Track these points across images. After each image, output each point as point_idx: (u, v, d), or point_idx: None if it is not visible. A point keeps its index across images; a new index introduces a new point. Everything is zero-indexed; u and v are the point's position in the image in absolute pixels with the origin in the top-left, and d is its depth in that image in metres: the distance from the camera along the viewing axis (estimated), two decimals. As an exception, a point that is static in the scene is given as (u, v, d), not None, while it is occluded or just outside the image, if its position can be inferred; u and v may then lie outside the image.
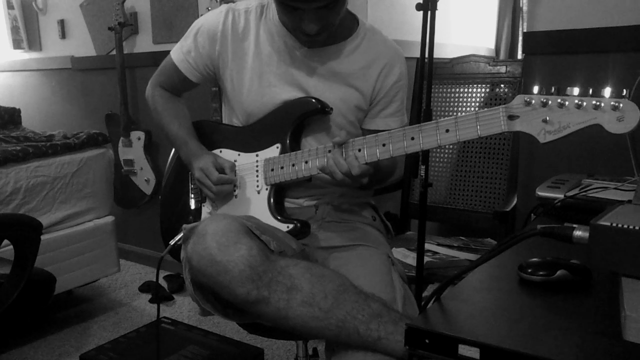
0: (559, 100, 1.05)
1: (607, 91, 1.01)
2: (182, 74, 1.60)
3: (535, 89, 1.09)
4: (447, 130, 1.20)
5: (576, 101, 1.03)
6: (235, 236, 1.16)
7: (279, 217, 1.44)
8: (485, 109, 1.15)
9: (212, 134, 1.63)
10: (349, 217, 1.56)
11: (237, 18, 1.53)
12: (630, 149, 1.62)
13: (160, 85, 1.68)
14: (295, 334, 1.20)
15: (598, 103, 1.02)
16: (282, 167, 1.45)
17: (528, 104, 1.09)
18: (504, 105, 1.12)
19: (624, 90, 1.01)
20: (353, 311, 1.13)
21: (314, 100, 1.47)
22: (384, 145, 1.30)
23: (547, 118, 1.07)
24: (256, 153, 1.51)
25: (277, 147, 1.48)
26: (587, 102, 1.03)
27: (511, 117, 1.12)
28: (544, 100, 1.07)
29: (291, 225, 1.41)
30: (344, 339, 1.14)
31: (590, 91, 1.04)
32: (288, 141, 1.47)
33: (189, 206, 1.62)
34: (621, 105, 1.00)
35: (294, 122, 1.48)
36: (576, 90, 1.04)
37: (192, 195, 1.61)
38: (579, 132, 1.06)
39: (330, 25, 1.39)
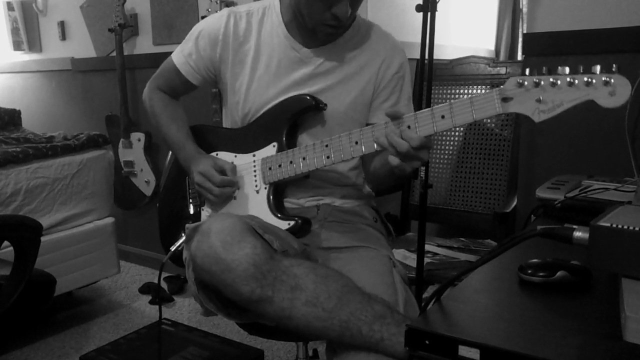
0: (551, 80, 1.06)
1: (597, 68, 1.02)
2: (184, 76, 1.60)
3: (527, 71, 1.10)
4: (443, 117, 1.20)
5: (568, 79, 1.04)
6: (239, 235, 1.16)
7: (279, 215, 1.44)
8: (479, 93, 1.16)
9: (207, 137, 1.63)
10: (351, 217, 1.56)
11: (238, 21, 1.53)
12: (630, 150, 1.62)
13: (158, 87, 1.68)
14: (298, 334, 1.19)
15: (589, 79, 1.03)
16: (279, 165, 1.45)
17: (521, 85, 1.10)
18: (497, 88, 1.13)
19: (614, 66, 1.02)
20: (356, 312, 1.13)
21: (307, 97, 1.47)
22: None
23: (541, 97, 1.08)
24: (253, 153, 1.51)
25: (274, 146, 1.48)
26: (578, 79, 1.04)
27: (505, 100, 1.12)
28: (537, 81, 1.08)
29: (292, 223, 1.41)
30: (346, 339, 1.14)
31: (581, 69, 1.04)
32: (284, 139, 1.47)
33: (188, 211, 1.61)
34: (612, 80, 1.01)
35: (289, 120, 1.48)
36: (567, 69, 1.05)
37: (191, 200, 1.61)
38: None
39: (354, 12, 1.40)
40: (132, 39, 3.37)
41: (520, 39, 3.90)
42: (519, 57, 3.88)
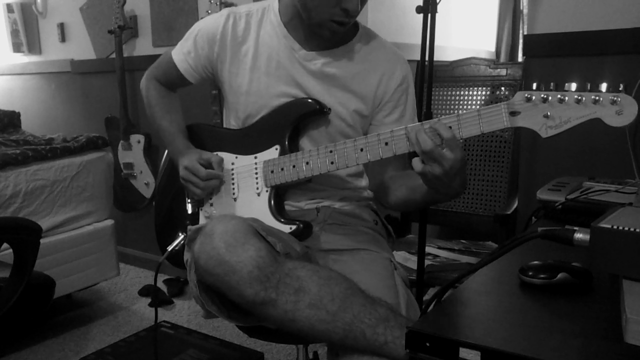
0: (559, 96, 1.07)
1: (604, 86, 1.03)
2: (181, 73, 1.60)
3: (534, 86, 1.10)
4: (450, 128, 1.20)
5: (576, 96, 1.05)
6: (243, 237, 1.16)
7: (281, 219, 1.44)
8: (487, 106, 1.16)
9: (208, 137, 1.62)
10: (351, 220, 1.55)
11: (237, 21, 1.52)
12: (631, 152, 1.62)
13: (156, 78, 1.69)
14: (301, 336, 1.19)
15: (597, 98, 1.03)
16: (282, 169, 1.44)
17: (529, 100, 1.10)
18: (505, 102, 1.13)
19: (621, 85, 1.02)
20: (360, 315, 1.12)
21: (311, 101, 1.46)
22: (386, 144, 1.29)
23: (548, 113, 1.09)
24: (254, 155, 1.50)
25: (276, 149, 1.47)
26: (586, 97, 1.04)
27: (513, 114, 1.13)
28: (544, 96, 1.08)
29: (294, 226, 1.41)
30: (350, 342, 1.13)
31: (589, 86, 1.05)
32: (287, 142, 1.47)
33: (186, 210, 1.61)
34: (619, 99, 1.02)
35: (293, 123, 1.47)
36: (574, 86, 1.06)
37: (189, 200, 1.60)
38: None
39: (362, 6, 1.39)
40: (131, 40, 3.37)
41: (520, 41, 3.90)
42: (520, 58, 3.87)
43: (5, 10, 4.05)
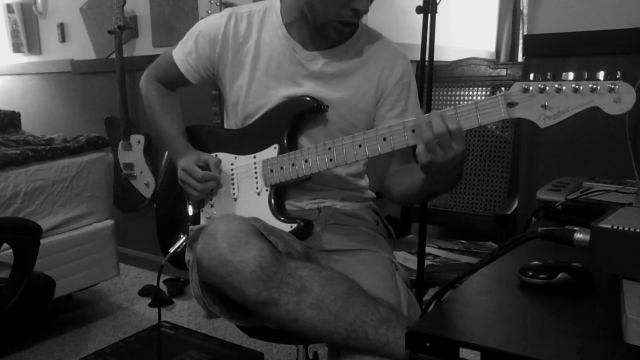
0: (556, 86, 1.06)
1: (602, 74, 1.02)
2: (182, 73, 1.60)
3: (532, 76, 1.10)
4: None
5: (573, 85, 1.05)
6: (246, 237, 1.16)
7: (281, 218, 1.44)
8: (485, 98, 1.15)
9: (207, 138, 1.62)
10: (352, 220, 1.55)
11: (239, 21, 1.52)
12: (631, 152, 1.62)
13: (156, 77, 1.69)
14: (302, 337, 1.19)
15: (594, 86, 1.03)
16: (281, 168, 1.44)
17: (526, 90, 1.10)
18: (502, 93, 1.12)
19: (618, 72, 1.02)
20: (362, 315, 1.12)
21: (308, 99, 1.46)
22: (384, 139, 1.29)
23: (546, 103, 1.08)
24: (253, 155, 1.50)
25: (275, 148, 1.47)
26: (583, 85, 1.04)
27: (510, 105, 1.12)
28: (542, 87, 1.07)
29: (294, 225, 1.41)
30: (352, 342, 1.13)
31: (586, 75, 1.04)
32: (285, 141, 1.46)
33: (186, 212, 1.61)
34: (617, 87, 1.01)
35: (291, 122, 1.47)
36: (571, 75, 1.05)
37: (190, 201, 1.60)
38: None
39: (369, 5, 1.38)
40: (131, 40, 3.37)
41: (520, 41, 3.89)
42: (520, 58, 3.87)
43: (5, 10, 4.05)
